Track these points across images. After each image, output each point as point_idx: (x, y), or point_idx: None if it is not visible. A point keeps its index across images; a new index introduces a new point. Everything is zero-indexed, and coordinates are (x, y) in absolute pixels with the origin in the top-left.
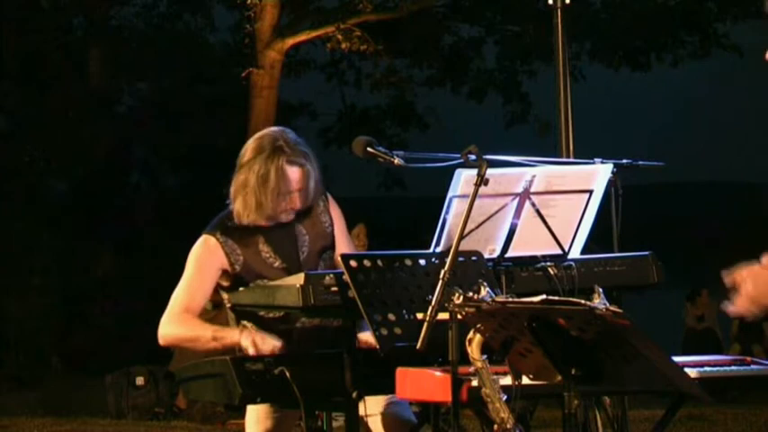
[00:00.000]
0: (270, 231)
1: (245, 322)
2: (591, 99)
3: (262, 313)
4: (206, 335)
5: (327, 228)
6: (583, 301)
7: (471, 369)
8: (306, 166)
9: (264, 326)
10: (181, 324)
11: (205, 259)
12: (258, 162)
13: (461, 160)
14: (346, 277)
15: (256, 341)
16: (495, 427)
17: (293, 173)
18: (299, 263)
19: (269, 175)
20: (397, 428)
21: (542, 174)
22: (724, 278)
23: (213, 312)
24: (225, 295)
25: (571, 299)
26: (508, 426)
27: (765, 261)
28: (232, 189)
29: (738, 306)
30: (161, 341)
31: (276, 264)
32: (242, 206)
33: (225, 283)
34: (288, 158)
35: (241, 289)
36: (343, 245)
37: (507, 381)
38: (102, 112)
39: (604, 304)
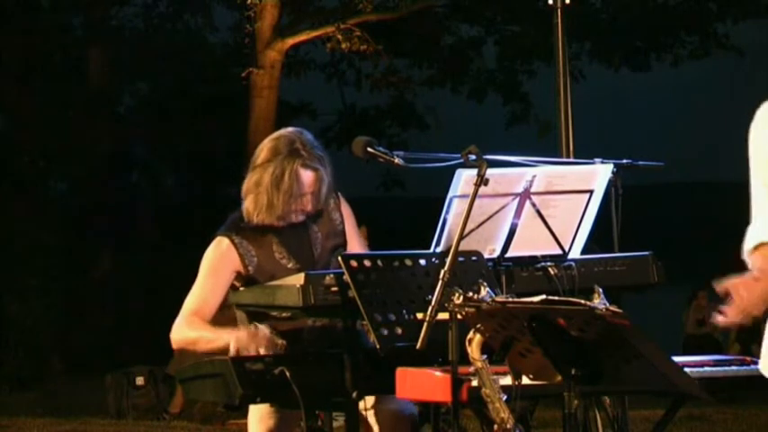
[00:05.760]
0: (283, 231)
1: (256, 323)
2: (591, 99)
3: (274, 313)
4: (204, 336)
5: (339, 225)
6: (583, 301)
7: (471, 369)
8: (320, 170)
9: (274, 325)
10: (187, 327)
11: (218, 262)
12: (273, 163)
13: (461, 160)
14: (346, 277)
15: (242, 347)
16: (495, 427)
17: (307, 176)
18: (312, 261)
19: (283, 177)
20: (401, 423)
21: (542, 174)
22: (716, 288)
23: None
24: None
25: (571, 299)
26: (508, 426)
27: (756, 272)
28: (244, 187)
29: (729, 316)
30: (172, 344)
31: (290, 265)
32: (252, 205)
33: (237, 284)
34: (303, 162)
35: (242, 288)
36: (354, 243)
37: (507, 381)
38: (102, 112)
39: (604, 304)
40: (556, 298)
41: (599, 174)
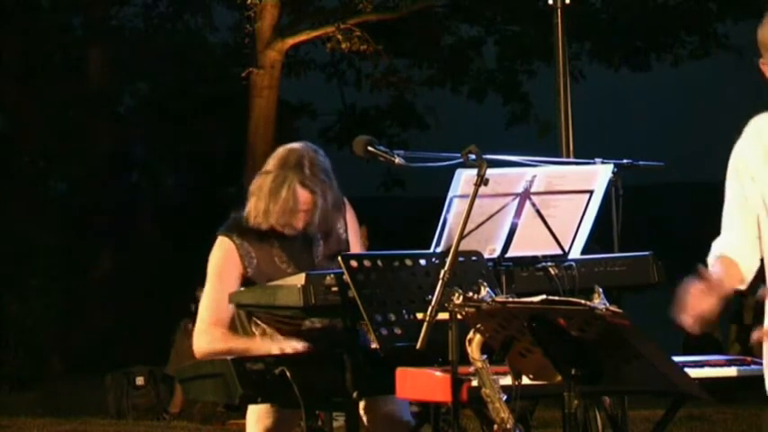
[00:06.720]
0: (285, 236)
1: (265, 328)
2: (591, 99)
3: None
4: (238, 348)
5: (342, 234)
6: (583, 301)
7: (471, 369)
8: (317, 194)
9: (275, 324)
10: (213, 339)
11: (225, 265)
12: (276, 172)
13: (461, 160)
14: (346, 277)
15: (285, 350)
16: (495, 427)
17: (303, 195)
18: (312, 268)
19: (281, 188)
20: (397, 428)
21: (542, 174)
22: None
23: None
24: None
25: (571, 299)
26: (508, 426)
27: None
28: (250, 188)
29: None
30: (197, 356)
31: (289, 270)
32: (253, 207)
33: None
34: (302, 180)
35: (242, 288)
36: (356, 248)
37: (507, 381)
38: (103, 112)
39: (604, 304)
40: (556, 298)
41: (599, 174)
